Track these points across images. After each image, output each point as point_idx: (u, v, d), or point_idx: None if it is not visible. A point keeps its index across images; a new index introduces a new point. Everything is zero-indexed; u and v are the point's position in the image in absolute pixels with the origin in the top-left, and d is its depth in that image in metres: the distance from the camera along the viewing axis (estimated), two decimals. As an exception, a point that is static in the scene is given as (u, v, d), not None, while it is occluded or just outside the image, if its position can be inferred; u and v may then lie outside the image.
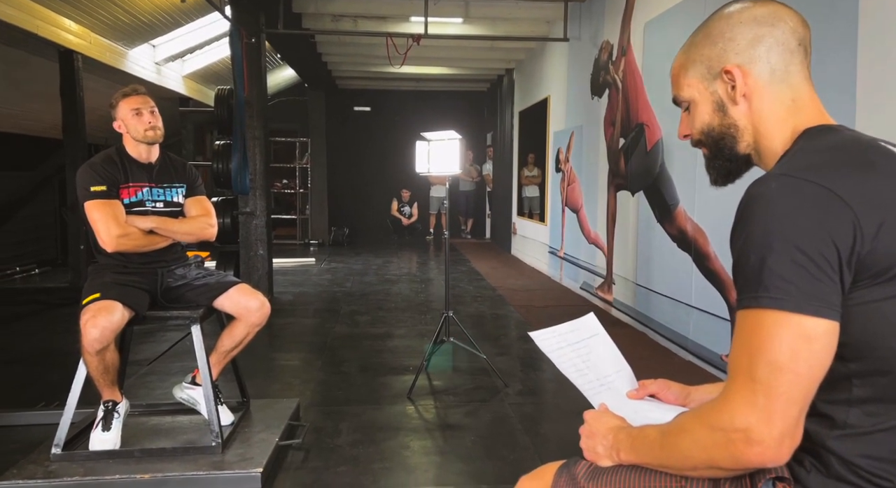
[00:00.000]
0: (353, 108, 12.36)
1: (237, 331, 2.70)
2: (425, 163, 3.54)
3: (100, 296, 2.35)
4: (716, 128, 1.01)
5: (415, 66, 9.96)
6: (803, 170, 0.87)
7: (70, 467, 2.33)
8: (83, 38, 6.36)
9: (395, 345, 4.44)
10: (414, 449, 2.77)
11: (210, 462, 2.40)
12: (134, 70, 7.52)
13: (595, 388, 1.27)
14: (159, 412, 2.89)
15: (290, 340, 4.70)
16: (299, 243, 10.84)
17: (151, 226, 2.55)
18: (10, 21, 5.12)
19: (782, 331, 0.81)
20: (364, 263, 8.63)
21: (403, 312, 5.47)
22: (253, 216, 5.92)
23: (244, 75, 5.68)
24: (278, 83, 11.77)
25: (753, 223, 0.84)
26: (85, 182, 2.47)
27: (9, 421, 2.95)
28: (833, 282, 0.82)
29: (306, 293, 6.41)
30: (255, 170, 5.89)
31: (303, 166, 11.21)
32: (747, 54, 0.96)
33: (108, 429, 2.44)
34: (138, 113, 2.57)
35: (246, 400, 2.96)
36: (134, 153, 2.61)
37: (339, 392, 3.54)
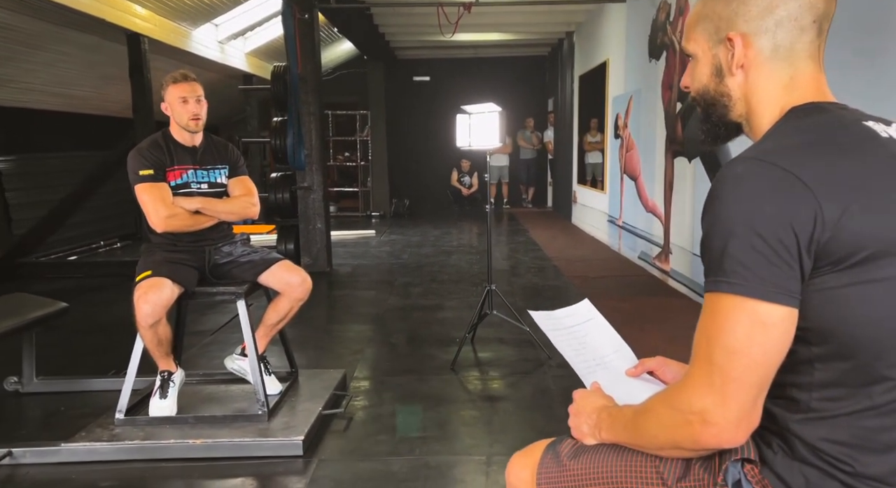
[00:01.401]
0: (413, 78, 12.35)
1: (281, 306, 2.82)
2: (466, 137, 3.53)
3: (151, 273, 2.50)
4: (710, 92, 1.00)
5: (472, 33, 9.84)
6: (771, 152, 0.85)
7: (132, 431, 2.52)
8: (149, 22, 6.61)
9: (445, 316, 4.51)
10: (453, 420, 2.83)
11: (256, 429, 2.55)
12: (198, 49, 7.77)
13: (591, 367, 1.29)
14: (215, 381, 3.07)
15: (345, 312, 4.85)
16: (361, 215, 11.05)
17: (197, 207, 2.68)
18: (81, 8, 5.38)
19: (738, 316, 0.82)
20: (422, 235, 8.72)
21: (456, 284, 5.52)
22: (310, 190, 6.07)
23: (297, 52, 5.78)
24: (338, 56, 11.88)
25: (719, 206, 0.84)
26: (134, 167, 2.61)
27: (85, 386, 3.19)
28: (791, 269, 0.81)
29: (364, 265, 6.56)
30: (311, 146, 6.02)
31: (363, 139, 11.34)
32: (755, 24, 0.92)
33: (165, 397, 2.62)
34: (185, 101, 2.67)
35: (294, 370, 3.10)
36: (179, 137, 2.73)
37: (386, 363, 3.64)
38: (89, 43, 6.51)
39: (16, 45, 5.80)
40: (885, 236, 0.82)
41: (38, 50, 6.12)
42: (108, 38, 6.38)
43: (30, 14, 5.37)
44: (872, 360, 0.84)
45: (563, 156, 10.32)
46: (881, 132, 0.90)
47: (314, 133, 6.06)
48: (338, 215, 11.13)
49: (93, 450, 2.41)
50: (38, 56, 6.22)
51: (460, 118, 3.55)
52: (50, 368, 3.39)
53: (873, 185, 0.83)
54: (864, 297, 0.83)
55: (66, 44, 6.29)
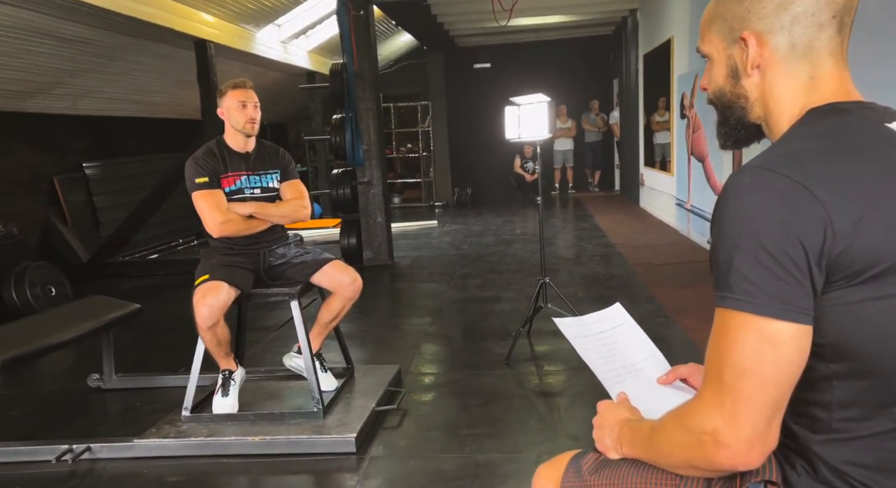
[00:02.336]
0: (473, 65, 12.28)
1: (334, 305, 2.89)
2: (515, 129, 3.49)
3: (209, 277, 2.62)
4: (727, 94, 0.96)
5: (532, 17, 9.67)
6: (779, 161, 0.81)
7: (197, 428, 2.66)
8: (215, 27, 6.86)
9: (502, 308, 4.50)
10: (505, 416, 2.84)
11: (312, 426, 2.64)
12: (261, 50, 8.00)
13: (620, 375, 1.26)
14: (276, 377, 3.20)
15: (404, 305, 4.92)
16: (424, 205, 11.13)
17: (250, 212, 2.78)
18: (151, 20, 5.66)
19: (746, 333, 0.79)
20: (484, 224, 8.71)
21: (515, 274, 5.50)
22: (370, 185, 6.17)
23: (353, 49, 5.86)
24: (399, 48, 11.96)
25: (725, 217, 0.81)
26: (190, 175, 2.73)
27: (160, 383, 3.39)
28: (800, 284, 0.77)
29: (424, 256, 6.62)
30: (369, 141, 6.11)
31: (425, 129, 11.40)
32: (769, 22, 0.88)
33: (227, 395, 2.75)
34: (243, 105, 2.77)
35: (350, 366, 3.18)
36: (232, 143, 2.83)
37: (441, 357, 3.68)
38: (161, 51, 6.83)
39: (95, 57, 6.16)
40: None
41: (115, 61, 6.48)
42: (177, 45, 6.67)
43: (105, 28, 5.68)
44: (892, 379, 0.81)
45: (630, 137, 10.03)
46: None
47: (372, 128, 6.14)
48: (402, 206, 11.27)
49: (162, 446, 2.56)
50: (116, 67, 6.58)
51: (509, 110, 3.51)
52: (130, 365, 3.63)
53: (890, 194, 0.78)
54: (882, 313, 0.78)
55: (140, 53, 6.62)
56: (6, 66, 5.46)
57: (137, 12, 5.44)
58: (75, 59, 5.94)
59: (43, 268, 4.89)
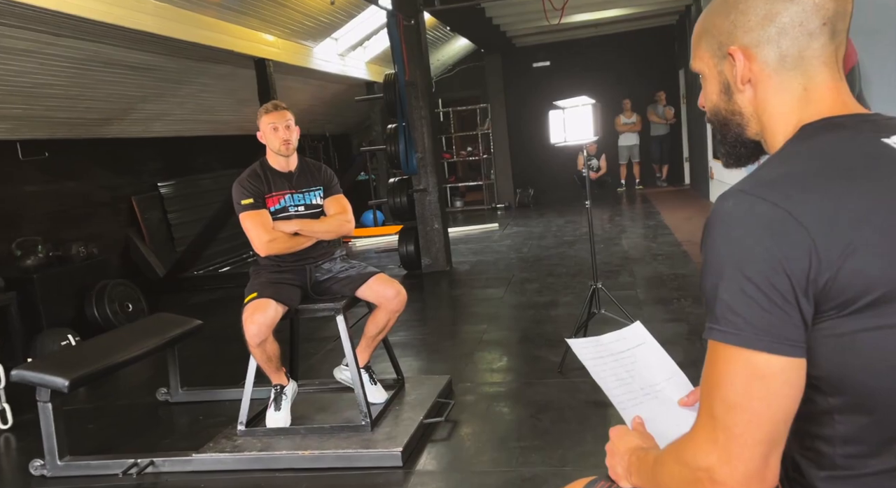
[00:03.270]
0: (532, 64, 12.15)
1: (379, 318, 2.92)
2: (561, 133, 3.42)
3: (257, 295, 2.70)
4: (722, 111, 0.93)
5: (589, 12, 9.48)
6: (764, 184, 0.77)
7: (251, 442, 2.75)
8: (273, 46, 7.10)
9: (558, 314, 4.42)
10: (555, 428, 2.78)
11: (359, 440, 2.67)
12: (319, 65, 8.20)
13: (637, 398, 1.22)
14: (330, 389, 3.26)
15: (460, 312, 4.92)
16: (487, 208, 11.10)
17: (295, 229, 2.85)
18: (212, 43, 5.92)
19: (734, 367, 0.76)
20: (545, 225, 8.60)
21: (574, 278, 5.39)
22: (426, 192, 6.21)
23: (404, 59, 5.91)
24: (456, 52, 11.98)
25: (710, 245, 0.79)
26: (236, 197, 2.82)
27: (223, 396, 3.52)
28: (787, 315, 0.73)
29: (483, 261, 6.60)
30: (423, 149, 6.15)
31: (485, 132, 11.37)
32: (756, 35, 0.84)
33: (279, 409, 2.82)
34: (275, 128, 2.85)
35: (400, 378, 3.20)
36: (275, 164, 2.91)
37: (494, 365, 3.65)
38: (223, 72, 7.11)
39: (163, 82, 6.49)
40: None
41: (182, 84, 6.80)
42: (238, 65, 6.93)
43: (170, 54, 5.98)
44: (893, 414, 0.76)
45: (697, 129, 9.66)
46: None
47: (426, 135, 6.18)
48: (464, 210, 11.28)
49: (218, 460, 2.66)
50: (183, 90, 6.91)
51: (553, 114, 3.45)
52: (198, 377, 3.78)
53: (881, 218, 0.73)
54: (878, 345, 0.73)
55: (204, 75, 6.93)
56: (83, 97, 5.83)
57: (198, 37, 5.69)
58: (145, 86, 6.28)
59: (120, 285, 5.19)
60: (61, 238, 5.56)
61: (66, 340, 4.36)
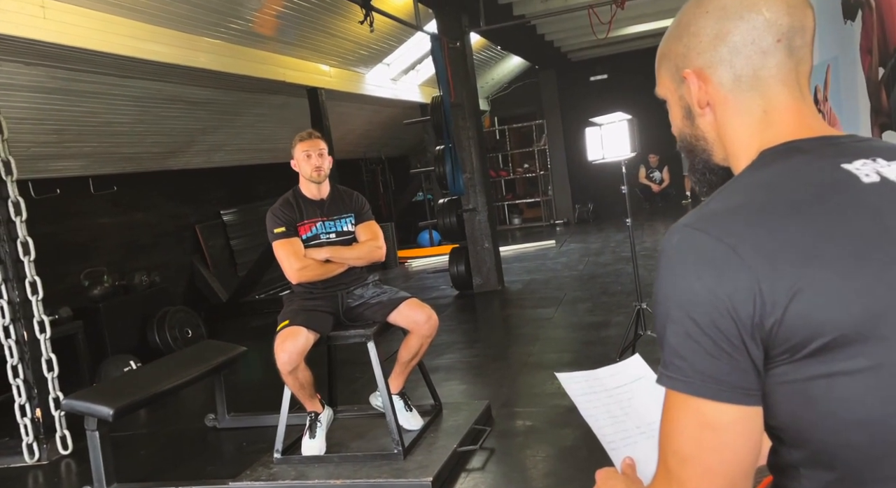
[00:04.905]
0: (589, 78, 11.97)
1: (412, 343, 2.89)
2: (598, 150, 3.32)
3: (288, 322, 2.73)
4: (687, 136, 0.89)
5: (643, 23, 9.27)
6: (710, 218, 0.71)
7: (286, 470, 2.76)
8: (326, 75, 7.29)
9: (608, 335, 4.27)
10: (593, 458, 2.64)
11: (391, 469, 2.63)
12: (371, 90, 8.36)
13: (632, 437, 1.13)
14: (368, 415, 3.23)
15: (507, 333, 4.83)
16: (545, 224, 10.95)
17: (326, 256, 2.87)
18: (264, 75, 6.13)
19: (683, 415, 0.71)
20: (603, 241, 8.38)
21: (628, 296, 5.19)
22: (475, 212, 6.18)
23: (449, 80, 5.93)
24: (512, 70, 11.96)
25: (658, 284, 0.73)
26: (270, 226, 2.87)
27: (267, 422, 3.53)
28: (734, 360, 0.67)
29: (536, 280, 6.48)
30: (471, 169, 6.13)
31: (541, 148, 11.26)
32: (708, 56, 0.80)
33: (314, 437, 2.82)
34: (308, 156, 2.89)
35: (437, 404, 3.15)
36: (306, 192, 2.95)
37: (536, 389, 3.55)
38: (278, 102, 7.36)
39: (220, 115, 6.77)
40: (846, 319, 0.64)
41: (239, 115, 7.08)
42: (291, 94, 7.16)
43: (226, 88, 6.24)
44: (857, 473, 0.67)
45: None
46: (865, 176, 0.70)
47: (474, 155, 6.16)
48: (522, 227, 11.16)
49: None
50: (240, 120, 7.18)
51: (590, 131, 3.36)
52: (246, 402, 3.86)
53: (830, 254, 0.65)
54: (833, 393, 0.66)
55: (259, 106, 7.18)
56: (148, 132, 6.15)
57: (251, 70, 5.91)
58: (204, 119, 6.56)
59: (181, 312, 5.39)
60: (129, 267, 5.85)
61: (129, 366, 4.54)
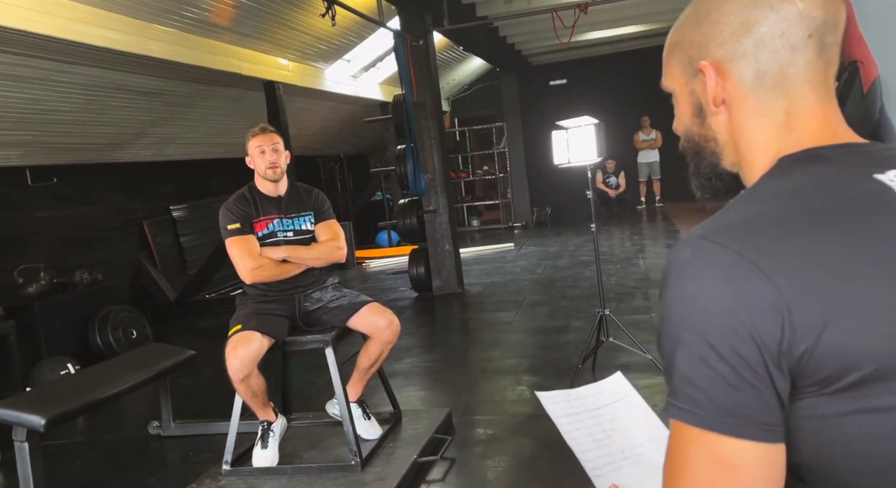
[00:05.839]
0: (549, 82, 12.03)
1: (372, 349, 2.78)
2: (564, 154, 3.27)
3: (241, 327, 2.58)
4: (695, 136, 0.79)
5: (604, 30, 9.36)
6: (728, 229, 0.63)
7: (236, 482, 2.61)
8: (283, 69, 7.08)
9: (567, 339, 4.24)
10: (557, 469, 2.59)
11: (348, 481, 2.52)
12: (331, 87, 8.17)
13: (616, 462, 1.06)
14: (323, 423, 3.10)
15: (467, 337, 4.75)
16: (503, 227, 10.94)
17: (283, 256, 2.73)
18: (219, 67, 5.90)
19: (696, 452, 0.62)
20: (561, 244, 8.40)
21: (587, 301, 5.19)
22: (436, 214, 6.08)
23: (412, 79, 5.83)
24: (473, 71, 11.92)
25: (667, 302, 0.65)
26: (223, 222, 2.72)
27: (216, 429, 3.35)
28: (757, 392, 0.59)
29: (495, 283, 6.43)
30: (433, 169, 6.04)
31: (501, 150, 11.25)
32: (730, 48, 0.71)
33: (266, 447, 2.68)
34: (262, 151, 2.74)
35: (397, 412, 3.04)
36: (263, 188, 2.80)
37: (497, 396, 3.48)
38: (233, 95, 7.11)
39: (172, 106, 6.50)
40: (886, 350, 0.57)
41: (192, 108, 6.81)
42: (248, 88, 6.93)
43: (178, 78, 5.98)
44: None
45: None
46: None
47: (436, 156, 6.07)
48: (481, 229, 11.12)
49: (199, 502, 2.52)
50: (193, 113, 6.91)
51: (556, 134, 3.30)
52: (193, 409, 3.67)
53: (867, 277, 0.58)
54: (867, 431, 0.58)
55: (214, 98, 6.92)
56: (94, 122, 5.85)
57: (206, 61, 5.68)
58: (154, 110, 6.28)
59: (125, 311, 5.13)
60: (70, 264, 5.53)
61: (66, 369, 4.28)
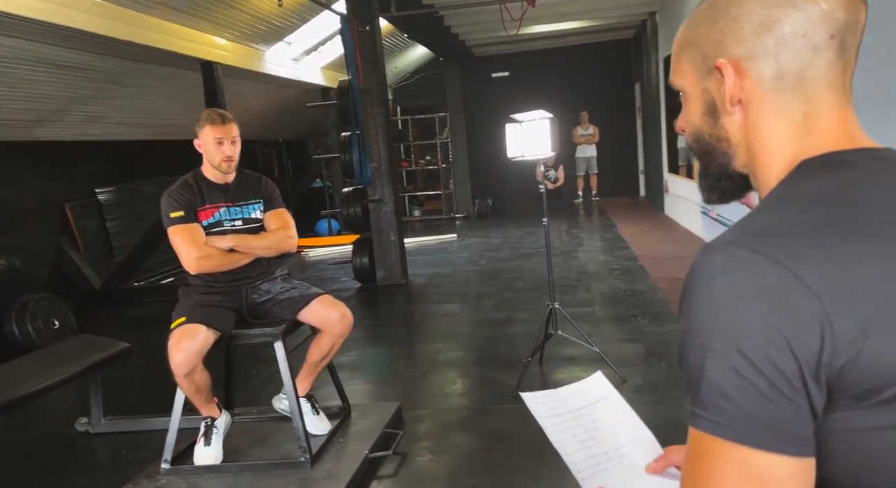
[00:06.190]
0: (491, 74, 12.07)
1: (323, 343, 2.70)
2: (518, 148, 3.26)
3: (185, 319, 2.45)
4: (705, 136, 0.76)
5: (548, 24, 9.44)
6: (760, 235, 0.61)
7: (176, 482, 2.48)
8: (221, 49, 6.78)
9: (514, 332, 4.26)
10: (510, 462, 2.60)
11: (297, 478, 2.43)
12: (271, 69, 7.91)
13: (600, 464, 1.04)
14: (269, 419, 3.00)
15: (413, 329, 4.71)
16: (445, 217, 10.93)
17: (230, 245, 2.60)
18: (154, 44, 5.59)
19: (725, 467, 0.59)
20: (503, 236, 8.47)
21: (531, 293, 5.24)
22: (381, 203, 5.99)
23: (358, 66, 5.70)
24: (416, 60, 11.82)
25: (693, 308, 0.61)
26: (165, 209, 2.56)
27: (150, 426, 3.18)
28: (793, 404, 0.57)
29: (439, 274, 6.41)
30: (379, 158, 5.94)
31: (444, 141, 11.22)
32: (750, 46, 0.68)
33: (209, 444, 2.56)
34: (220, 142, 2.60)
35: (346, 406, 2.97)
36: (210, 175, 2.66)
37: (447, 389, 3.45)
38: (168, 74, 6.77)
39: (100, 83, 6.11)
40: None
41: (123, 86, 6.43)
42: (184, 67, 6.60)
43: (107, 54, 5.63)
44: None
45: (653, 142, 9.70)
46: None
47: (382, 145, 5.97)
48: (422, 219, 11.08)
49: (137, 504, 2.39)
50: (124, 91, 6.53)
51: (510, 127, 3.29)
52: (125, 404, 3.47)
53: None
54: None
55: (147, 77, 6.57)
56: (10, 97, 5.43)
57: (138, 37, 5.37)
58: (79, 86, 5.90)
59: (45, 300, 4.81)
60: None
61: (-19, 362, 3.97)
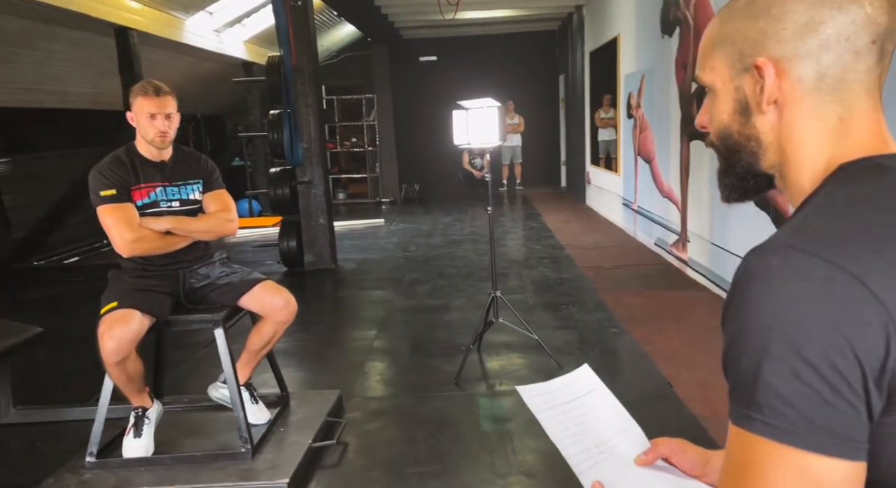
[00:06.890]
0: (419, 58, 11.97)
1: (265, 330, 2.60)
2: (464, 135, 3.25)
3: (117, 305, 2.29)
4: (734, 135, 0.75)
5: (479, 10, 9.45)
6: (819, 238, 0.61)
7: (103, 476, 2.34)
8: (138, 14, 6.36)
9: (451, 319, 4.28)
10: (454, 449, 2.61)
11: (238, 470, 2.35)
12: (192, 40, 7.51)
13: (593, 457, 1.05)
14: (201, 407, 2.87)
15: (346, 316, 4.64)
16: (371, 202, 10.81)
17: (167, 227, 2.45)
18: (62, 5, 5.15)
19: (779, 471, 0.59)
20: (432, 222, 8.47)
21: (465, 279, 5.28)
22: (311, 185, 5.84)
23: (291, 42, 5.50)
24: (342, 38, 11.55)
25: (748, 312, 0.61)
26: (95, 187, 2.38)
27: (67, 416, 3.00)
28: (853, 410, 0.57)
29: (369, 260, 6.34)
30: (309, 139, 5.77)
31: (370, 123, 11.05)
32: (792, 46, 0.67)
33: (140, 436, 2.42)
34: (153, 117, 2.43)
35: (285, 394, 2.89)
36: (145, 152, 2.49)
37: (386, 377, 3.43)
38: (78, 39, 6.28)
39: (1, 44, 5.59)
40: None
41: (26, 48, 5.91)
42: (97, 32, 6.15)
43: (6, 13, 5.15)
44: None
45: (576, 134, 9.96)
46: None
47: (313, 125, 5.80)
48: (347, 202, 10.91)
49: (61, 501, 2.23)
50: (27, 55, 6.01)
51: (457, 114, 3.27)
52: (35, 393, 3.23)
53: None
54: None
55: (55, 41, 6.07)
56: None
57: (48, -4, 4.94)
58: (-25, 46, 5.38)
59: (-61, 280, 4.38)
60: None
61: None
